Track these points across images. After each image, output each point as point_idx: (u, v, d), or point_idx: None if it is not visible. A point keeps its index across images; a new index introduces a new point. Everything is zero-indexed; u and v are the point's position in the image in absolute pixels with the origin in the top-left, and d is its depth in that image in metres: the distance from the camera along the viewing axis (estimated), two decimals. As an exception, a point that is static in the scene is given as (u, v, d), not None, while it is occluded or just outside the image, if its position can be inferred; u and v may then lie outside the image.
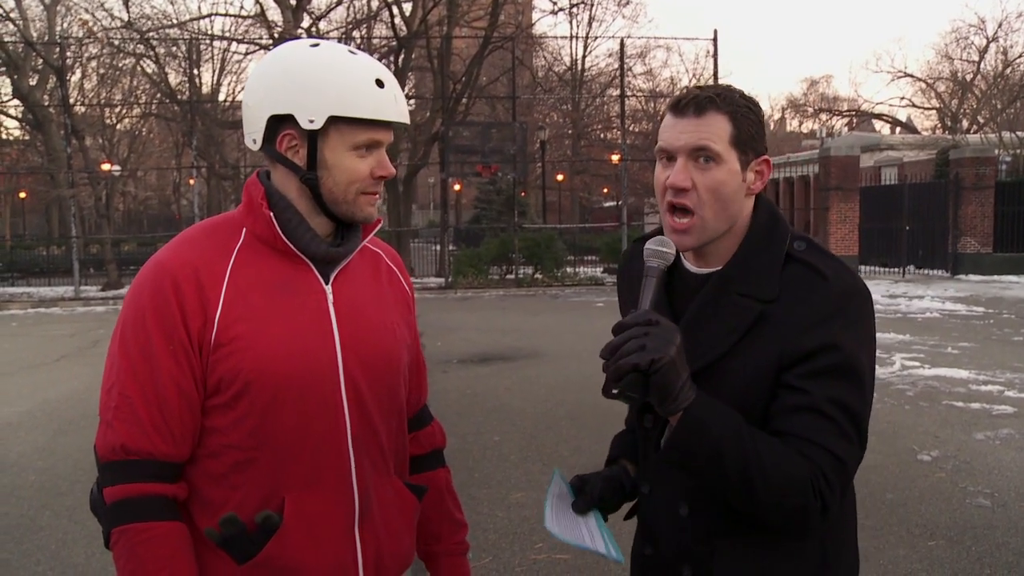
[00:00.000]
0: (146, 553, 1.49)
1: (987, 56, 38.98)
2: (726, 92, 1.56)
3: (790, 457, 1.44)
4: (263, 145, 1.59)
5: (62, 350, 12.67)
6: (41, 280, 26.22)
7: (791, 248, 1.57)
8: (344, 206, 1.59)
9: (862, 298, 1.53)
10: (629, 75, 31.63)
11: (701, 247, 1.60)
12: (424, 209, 47.75)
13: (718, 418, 1.43)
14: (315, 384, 1.57)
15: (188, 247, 1.58)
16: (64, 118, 23.47)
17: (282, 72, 1.55)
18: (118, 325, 1.56)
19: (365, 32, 26.84)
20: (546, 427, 7.19)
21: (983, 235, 23.68)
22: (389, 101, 1.56)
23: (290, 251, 1.59)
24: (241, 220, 1.62)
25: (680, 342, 1.41)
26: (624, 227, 23.94)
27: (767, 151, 1.62)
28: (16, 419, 8.02)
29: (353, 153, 1.56)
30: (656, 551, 1.69)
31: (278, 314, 1.56)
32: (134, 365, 1.51)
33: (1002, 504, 5.25)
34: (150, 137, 38.13)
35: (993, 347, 11.24)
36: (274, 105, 1.54)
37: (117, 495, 1.50)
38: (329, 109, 1.51)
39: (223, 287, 1.54)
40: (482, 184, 36.72)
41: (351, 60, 1.56)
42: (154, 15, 28.23)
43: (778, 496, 1.43)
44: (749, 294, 1.54)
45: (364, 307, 1.67)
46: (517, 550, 4.66)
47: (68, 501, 5.59)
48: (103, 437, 1.52)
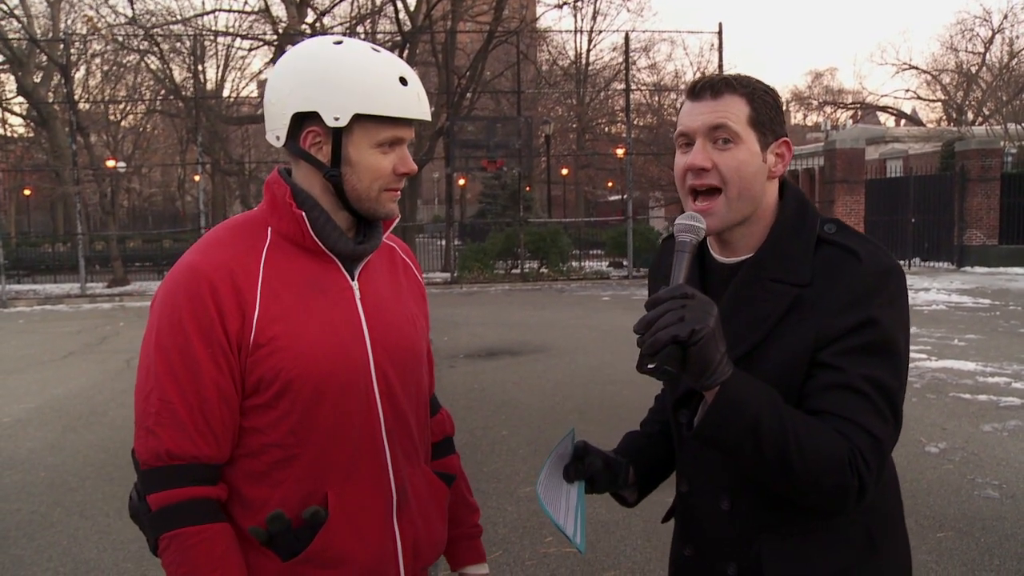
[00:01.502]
0: (199, 556, 1.49)
1: (992, 47, 38.88)
2: (742, 76, 1.58)
3: (827, 435, 1.42)
4: (287, 142, 1.60)
5: (69, 347, 12.71)
6: (47, 277, 26.26)
7: (822, 231, 1.56)
8: (367, 203, 1.61)
9: (897, 277, 1.51)
10: (634, 69, 31.52)
11: (725, 232, 1.59)
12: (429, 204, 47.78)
13: (755, 393, 1.41)
14: (351, 380, 1.59)
15: (219, 249, 1.58)
16: (69, 115, 23.49)
17: (307, 70, 1.56)
18: (151, 329, 1.55)
19: (369, 27, 26.85)
20: (554, 421, 7.20)
21: (989, 227, 23.63)
22: (412, 99, 1.57)
23: (318, 249, 1.60)
24: (265, 219, 1.62)
25: (718, 314, 1.38)
26: (629, 221, 23.89)
27: (787, 135, 1.60)
28: (25, 416, 8.06)
29: (377, 150, 1.57)
30: (697, 551, 1.68)
31: (311, 313, 1.57)
32: (173, 369, 1.50)
33: (1010, 495, 5.26)
34: (155, 133, 38.12)
35: (1000, 339, 11.23)
36: (299, 102, 1.55)
37: (164, 501, 1.50)
38: (355, 107, 1.52)
39: (258, 288, 1.55)
40: (487, 179, 36.72)
41: (376, 58, 1.57)
42: (158, 11, 28.28)
43: (816, 475, 1.41)
44: (782, 279, 1.53)
45: (387, 301, 1.69)
46: (527, 544, 4.67)
47: (78, 497, 5.62)
48: (145, 443, 1.52)
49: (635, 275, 23.13)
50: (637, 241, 23.69)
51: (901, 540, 1.64)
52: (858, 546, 1.55)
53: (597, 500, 5.39)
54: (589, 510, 5.31)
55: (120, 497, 5.56)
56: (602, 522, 4.93)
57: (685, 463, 1.71)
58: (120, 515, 5.23)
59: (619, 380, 8.82)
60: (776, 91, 1.61)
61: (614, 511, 5.13)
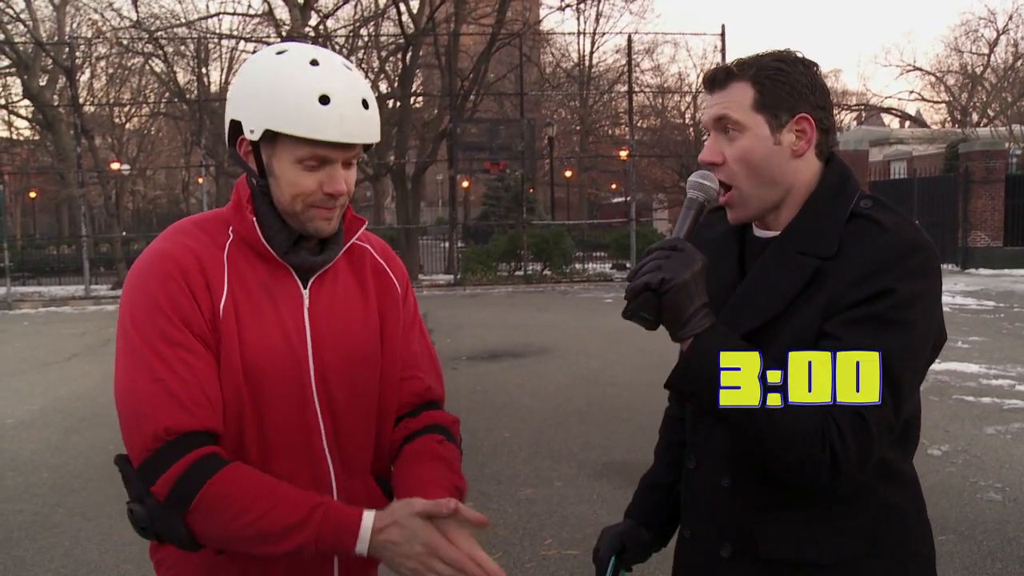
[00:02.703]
0: (235, 493, 1.43)
1: (997, 49, 38.70)
2: (753, 58, 1.54)
3: (804, 405, 1.39)
4: (229, 147, 1.60)
5: (73, 349, 12.73)
6: (52, 279, 26.28)
7: (857, 205, 1.51)
8: (293, 218, 1.56)
9: (925, 252, 1.45)
10: (637, 71, 31.51)
11: (762, 217, 1.59)
12: (432, 206, 47.78)
13: (728, 347, 1.40)
14: (289, 388, 1.57)
15: (185, 237, 1.57)
16: (74, 118, 23.54)
17: (242, 78, 1.55)
18: (126, 317, 1.52)
19: (373, 29, 26.87)
20: (556, 423, 7.21)
21: (993, 229, 23.58)
22: (332, 120, 1.47)
23: (270, 255, 1.58)
24: (229, 218, 1.61)
25: (700, 268, 1.40)
26: (632, 223, 23.88)
27: (816, 108, 1.54)
28: (28, 417, 8.07)
29: (298, 166, 1.51)
30: (693, 533, 1.68)
31: (262, 315, 1.56)
32: (157, 350, 1.46)
33: (1013, 499, 5.24)
34: (159, 136, 38.21)
35: (1004, 341, 11.20)
36: (231, 109, 1.55)
37: (174, 475, 1.43)
38: (264, 122, 1.49)
39: (225, 278, 1.54)
40: (490, 181, 36.75)
41: (300, 72, 1.48)
42: (162, 14, 28.26)
43: (784, 442, 1.39)
44: (808, 251, 1.49)
45: (342, 310, 1.65)
46: (527, 546, 4.67)
47: (81, 499, 5.63)
48: (139, 430, 1.46)
49: (638, 277, 23.07)
50: (640, 243, 23.65)
51: (916, 542, 1.58)
52: (861, 539, 1.50)
53: (596, 502, 5.40)
54: (589, 512, 5.28)
55: (122, 499, 5.52)
56: (602, 524, 4.90)
57: (695, 439, 1.69)
58: (122, 517, 5.21)
59: (621, 382, 8.82)
60: (801, 62, 1.55)
61: (613, 513, 5.11)
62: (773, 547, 1.53)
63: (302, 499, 1.44)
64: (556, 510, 5.19)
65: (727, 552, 1.58)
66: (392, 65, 27.01)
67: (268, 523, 1.41)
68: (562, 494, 5.48)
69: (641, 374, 8.91)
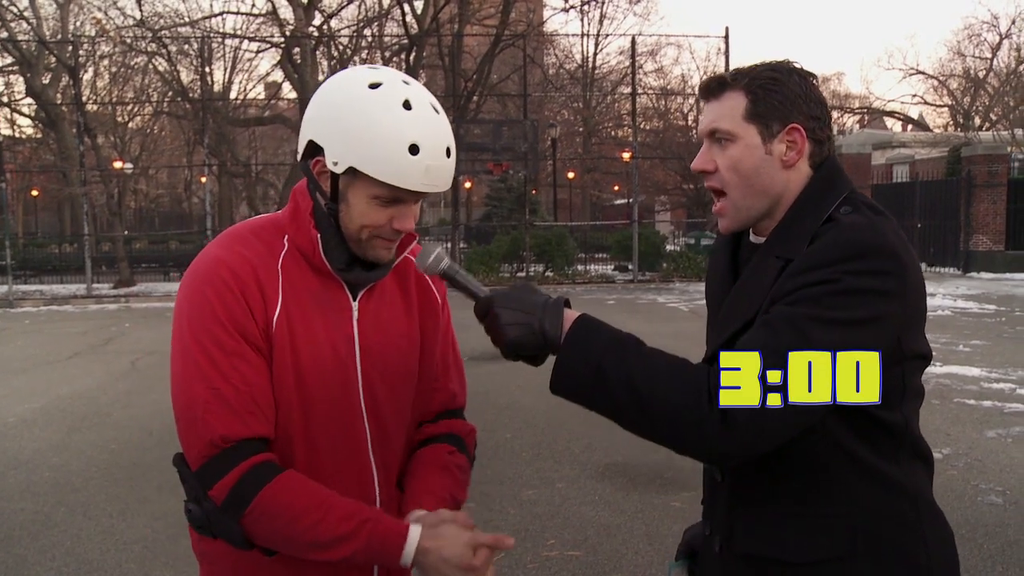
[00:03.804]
0: (289, 501, 1.49)
1: (1000, 53, 38.68)
2: (747, 68, 1.56)
3: (687, 366, 1.37)
4: (302, 160, 1.60)
5: (75, 347, 12.73)
6: (54, 278, 26.28)
7: (836, 212, 1.50)
8: (356, 244, 1.60)
9: (884, 256, 1.40)
10: (640, 73, 31.54)
11: (750, 227, 1.61)
12: (435, 207, 47.73)
13: (593, 344, 1.43)
14: (340, 394, 1.61)
15: (241, 245, 1.60)
16: (77, 116, 23.58)
17: (330, 104, 1.54)
18: (182, 323, 1.56)
19: (376, 30, 26.89)
20: (557, 424, 7.20)
21: (995, 233, 23.56)
22: (418, 170, 1.49)
23: (326, 269, 1.61)
24: (285, 227, 1.64)
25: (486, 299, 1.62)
26: (635, 224, 23.88)
27: (809, 119, 1.53)
28: (30, 416, 8.08)
29: (374, 202, 1.54)
30: (712, 531, 1.68)
31: (310, 325, 1.59)
32: (212, 358, 1.50)
33: (1014, 502, 5.25)
34: (162, 135, 38.22)
35: (1005, 345, 11.20)
36: (314, 132, 1.55)
37: (231, 482, 1.48)
38: (351, 161, 1.49)
39: (279, 287, 1.58)
40: (493, 182, 36.70)
41: (396, 117, 1.49)
42: (166, 13, 28.28)
43: (669, 409, 1.35)
44: (782, 255, 1.51)
45: (388, 324, 1.69)
46: (529, 547, 4.67)
47: (82, 497, 5.63)
48: (197, 435, 1.50)
49: (640, 278, 23.12)
50: (643, 245, 23.68)
51: (903, 552, 1.50)
52: (837, 542, 1.48)
53: (598, 503, 5.39)
54: (591, 513, 5.28)
55: (123, 498, 5.58)
56: (604, 525, 4.93)
57: None
58: (123, 516, 5.25)
59: (623, 384, 8.80)
60: (797, 72, 1.55)
61: (615, 514, 5.13)
62: (747, 541, 1.55)
63: (352, 511, 1.50)
64: (558, 511, 5.19)
65: (717, 545, 1.62)
66: (395, 66, 27.01)
67: (319, 533, 1.48)
68: (564, 495, 5.49)
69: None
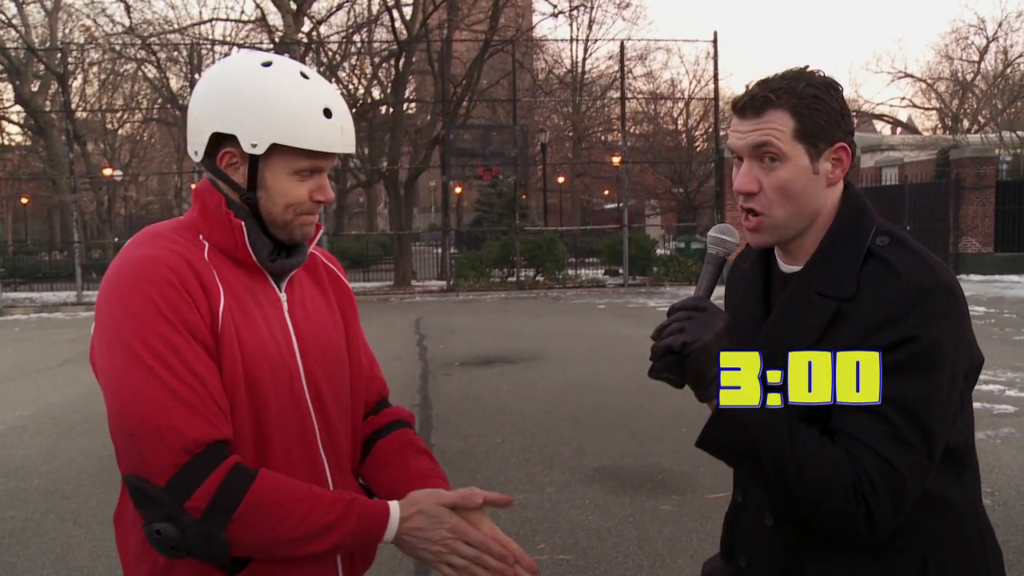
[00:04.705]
0: (275, 498, 1.44)
1: (987, 56, 38.97)
2: (788, 85, 1.51)
3: (833, 458, 1.38)
4: (204, 159, 1.57)
5: (65, 355, 12.68)
6: (44, 285, 26.18)
7: (873, 244, 1.50)
8: (281, 228, 1.59)
9: (944, 294, 1.43)
10: (629, 77, 31.66)
11: (785, 244, 1.59)
12: (425, 212, 47.75)
13: (754, 410, 1.40)
14: (285, 387, 1.58)
15: (168, 242, 1.53)
16: (66, 123, 23.51)
17: (229, 90, 1.53)
18: (120, 332, 1.44)
19: (366, 35, 26.91)
20: (548, 429, 7.21)
21: (984, 235, 23.67)
22: (335, 132, 1.54)
23: (250, 261, 1.58)
24: (197, 226, 1.59)
25: (722, 329, 1.40)
26: (625, 229, 23.93)
27: (847, 135, 1.54)
28: (20, 423, 8.04)
29: (294, 177, 1.55)
30: (750, 564, 1.66)
31: (250, 319, 1.56)
32: (165, 361, 1.41)
33: (1002, 503, 5.27)
34: (151, 142, 38.17)
35: (994, 346, 11.23)
36: (218, 123, 1.52)
37: (212, 487, 1.40)
38: (273, 136, 1.50)
39: (217, 281, 1.52)
40: (483, 187, 36.75)
41: (301, 86, 1.53)
42: (155, 20, 28.35)
43: (816, 498, 1.38)
44: (827, 293, 1.49)
45: (314, 311, 1.69)
46: (519, 551, 4.67)
47: (72, 505, 5.61)
48: (165, 446, 1.40)
49: (631, 283, 23.16)
50: (633, 249, 23.72)
51: (975, 568, 1.54)
52: (908, 573, 1.49)
53: (588, 507, 5.39)
54: (581, 517, 5.28)
55: (113, 505, 5.54)
56: (594, 529, 4.94)
57: (739, 474, 1.69)
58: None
59: (613, 388, 8.83)
60: (833, 87, 1.54)
61: (606, 518, 5.14)
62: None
63: (335, 498, 1.49)
64: (548, 515, 5.20)
65: None
66: (385, 71, 27.07)
67: (308, 525, 1.45)
68: (554, 499, 5.49)
69: (633, 380, 8.90)
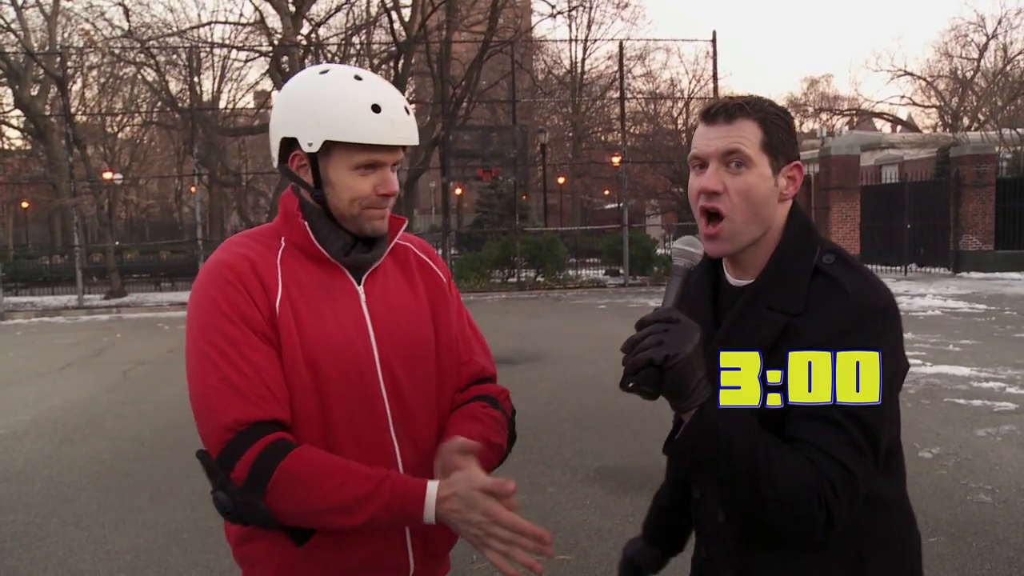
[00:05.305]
0: (309, 471, 1.55)
1: (987, 53, 38.92)
2: (755, 100, 1.61)
3: (799, 465, 1.45)
4: (280, 164, 1.72)
5: (66, 359, 12.70)
6: (44, 289, 26.22)
7: (820, 261, 1.58)
8: (350, 221, 1.71)
9: (885, 315, 1.53)
10: (629, 77, 31.64)
11: (736, 255, 1.64)
12: (426, 213, 47.77)
13: (730, 419, 1.45)
14: (357, 375, 1.69)
15: (239, 247, 1.71)
16: (65, 127, 23.52)
17: (290, 97, 1.69)
18: (192, 323, 1.66)
19: (365, 37, 26.92)
20: (548, 429, 7.21)
21: (984, 232, 23.68)
22: (385, 126, 1.64)
23: (323, 257, 1.71)
24: (279, 229, 1.75)
25: (699, 340, 1.43)
26: (625, 229, 23.94)
27: (799, 158, 1.65)
28: (21, 428, 8.06)
29: (355, 172, 1.67)
30: (708, 556, 1.75)
31: (317, 311, 1.68)
32: (221, 350, 1.59)
33: (1003, 500, 5.28)
34: (151, 145, 38.18)
35: (995, 344, 11.25)
36: (283, 128, 1.68)
37: (250, 459, 1.55)
38: (324, 134, 1.63)
39: (279, 279, 1.67)
40: (483, 188, 36.75)
41: (350, 86, 1.65)
42: (154, 24, 28.31)
43: (785, 503, 1.45)
44: (777, 307, 1.56)
45: (396, 303, 1.79)
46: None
47: (74, 508, 5.63)
48: (214, 424, 1.58)
49: (631, 283, 23.17)
50: (633, 249, 23.73)
51: (900, 565, 1.65)
52: (846, 566, 1.57)
53: (589, 507, 5.39)
54: (582, 517, 5.28)
55: (115, 508, 5.57)
56: (595, 529, 4.95)
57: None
58: (115, 526, 5.24)
59: (614, 388, 8.70)
60: (789, 114, 1.65)
61: (607, 518, 5.15)
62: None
63: (369, 472, 1.58)
64: (549, 516, 5.20)
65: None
66: (384, 73, 27.00)
67: (341, 497, 1.54)
68: (555, 500, 5.50)
69: (634, 380, 8.91)
